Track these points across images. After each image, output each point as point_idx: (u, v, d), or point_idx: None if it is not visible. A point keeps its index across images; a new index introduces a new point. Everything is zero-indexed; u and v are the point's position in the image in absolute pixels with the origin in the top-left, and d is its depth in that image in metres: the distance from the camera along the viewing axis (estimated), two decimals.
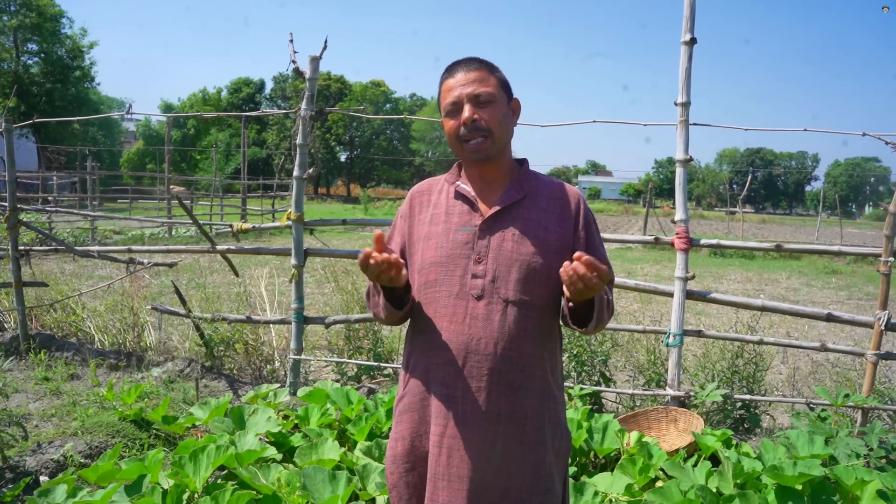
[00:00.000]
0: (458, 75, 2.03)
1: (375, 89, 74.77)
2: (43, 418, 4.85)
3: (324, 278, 8.69)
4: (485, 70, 2.04)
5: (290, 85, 66.36)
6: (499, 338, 1.96)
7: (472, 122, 1.99)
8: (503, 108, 2.04)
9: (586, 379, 5.35)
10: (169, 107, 73.12)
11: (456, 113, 2.02)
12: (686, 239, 4.85)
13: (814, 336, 8.59)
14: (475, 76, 2.01)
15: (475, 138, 2.00)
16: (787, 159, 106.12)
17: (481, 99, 1.99)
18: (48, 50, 47.03)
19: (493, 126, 2.00)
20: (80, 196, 25.88)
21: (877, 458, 4.05)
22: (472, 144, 2.01)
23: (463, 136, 2.01)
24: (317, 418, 4.37)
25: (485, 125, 1.99)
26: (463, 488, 1.94)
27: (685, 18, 4.81)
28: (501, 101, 2.04)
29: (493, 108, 2.01)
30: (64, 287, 7.77)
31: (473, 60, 2.06)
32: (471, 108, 1.99)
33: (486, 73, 2.04)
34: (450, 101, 2.02)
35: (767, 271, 17.04)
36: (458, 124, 2.01)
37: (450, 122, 2.04)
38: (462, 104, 2.00)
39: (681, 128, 4.87)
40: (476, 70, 2.03)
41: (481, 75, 2.02)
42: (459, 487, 1.94)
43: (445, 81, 2.06)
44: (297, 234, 5.56)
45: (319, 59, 5.40)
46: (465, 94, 2.00)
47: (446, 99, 2.04)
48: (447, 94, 2.03)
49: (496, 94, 2.02)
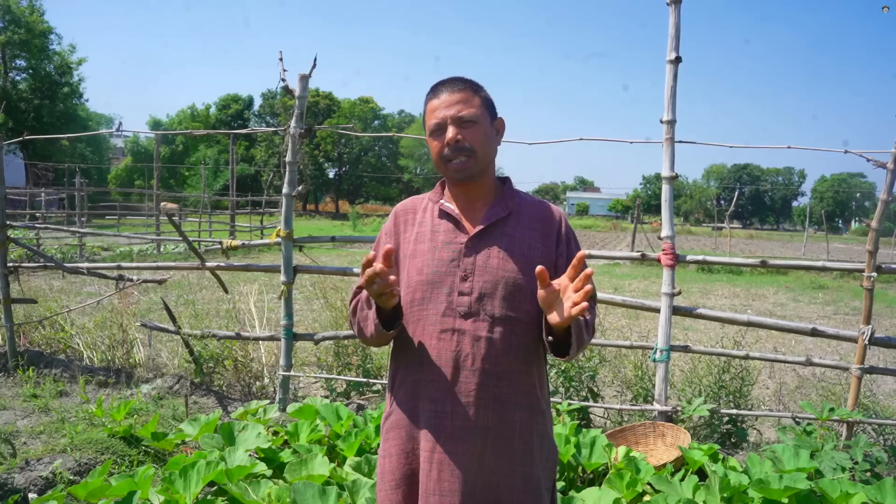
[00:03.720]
0: (442, 96, 2.06)
1: (364, 106, 74.92)
2: (31, 435, 4.83)
3: (313, 295, 8.69)
4: (469, 91, 2.07)
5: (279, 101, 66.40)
6: (486, 354, 1.99)
7: (456, 143, 2.03)
8: (486, 128, 2.08)
9: (574, 394, 5.38)
10: (157, 123, 72.98)
11: (440, 133, 2.06)
12: (672, 255, 4.90)
13: (800, 351, 8.64)
14: (459, 97, 2.05)
15: (458, 158, 2.03)
16: (774, 175, 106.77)
17: (464, 119, 2.03)
18: (36, 66, 46.91)
19: (476, 146, 2.04)
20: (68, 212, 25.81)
21: (861, 472, 4.10)
22: (456, 164, 2.04)
23: (447, 157, 2.05)
24: (306, 434, 4.38)
25: (468, 145, 2.03)
26: (454, 502, 1.96)
27: (670, 38, 4.87)
28: (484, 121, 2.08)
29: (476, 129, 2.05)
30: (52, 304, 7.74)
31: (458, 81, 2.10)
32: (454, 129, 2.03)
33: (470, 93, 2.07)
34: (434, 123, 2.06)
35: (755, 286, 17.13)
36: (441, 145, 2.05)
37: (434, 142, 2.08)
38: (446, 125, 2.04)
39: (666, 145, 4.93)
40: (460, 91, 2.06)
41: (465, 96, 2.06)
42: (451, 501, 1.97)
43: (430, 102, 2.09)
44: (287, 251, 5.57)
45: (309, 77, 5.44)
46: (448, 115, 2.03)
47: (431, 120, 2.07)
48: (431, 115, 2.07)
49: (479, 114, 2.06)
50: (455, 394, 1.99)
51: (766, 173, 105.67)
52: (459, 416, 1.99)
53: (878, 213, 4.71)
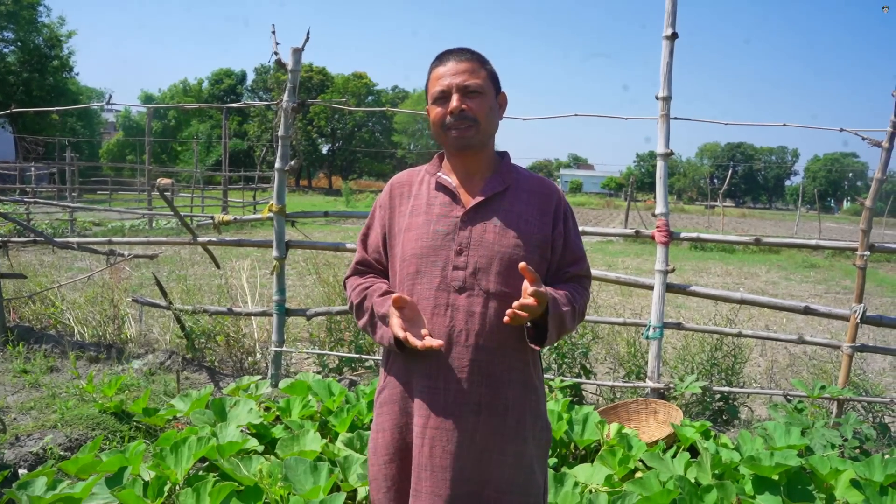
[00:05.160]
0: (448, 64, 2.04)
1: (357, 81, 74.32)
2: (21, 411, 4.81)
3: (305, 270, 8.66)
4: (476, 62, 2.05)
5: (272, 76, 65.92)
6: (480, 329, 1.98)
7: (460, 112, 2.00)
8: (490, 100, 2.06)
9: (567, 371, 5.38)
10: (149, 97, 72.36)
11: (444, 101, 2.03)
12: (666, 232, 4.89)
13: (792, 329, 8.67)
14: (466, 66, 2.03)
15: (460, 126, 2.01)
16: (768, 154, 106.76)
17: (470, 89, 2.01)
18: (25, 39, 46.21)
19: (479, 117, 2.02)
20: (58, 187, 25.60)
21: (851, 449, 4.12)
22: (456, 133, 2.02)
23: (448, 125, 2.02)
24: (298, 410, 4.37)
25: (472, 115, 2.01)
26: (446, 478, 1.96)
27: (666, 13, 4.83)
28: (489, 93, 2.05)
29: (480, 100, 2.02)
30: (43, 279, 7.69)
31: (465, 51, 2.07)
32: (459, 97, 2.00)
33: (477, 64, 2.05)
34: (438, 89, 2.03)
35: (747, 265, 17.18)
36: (444, 112, 2.03)
37: (436, 109, 2.05)
38: (451, 93, 2.01)
39: (662, 122, 4.90)
40: (467, 61, 2.04)
41: (472, 66, 2.03)
42: (442, 477, 1.96)
43: (435, 69, 2.06)
44: (279, 226, 5.54)
45: (302, 51, 5.38)
46: (454, 83, 2.01)
47: (435, 87, 2.04)
48: (436, 82, 2.04)
49: (485, 85, 2.04)
50: (448, 369, 1.98)
51: (759, 152, 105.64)
52: (452, 391, 1.98)
53: (872, 191, 4.71)
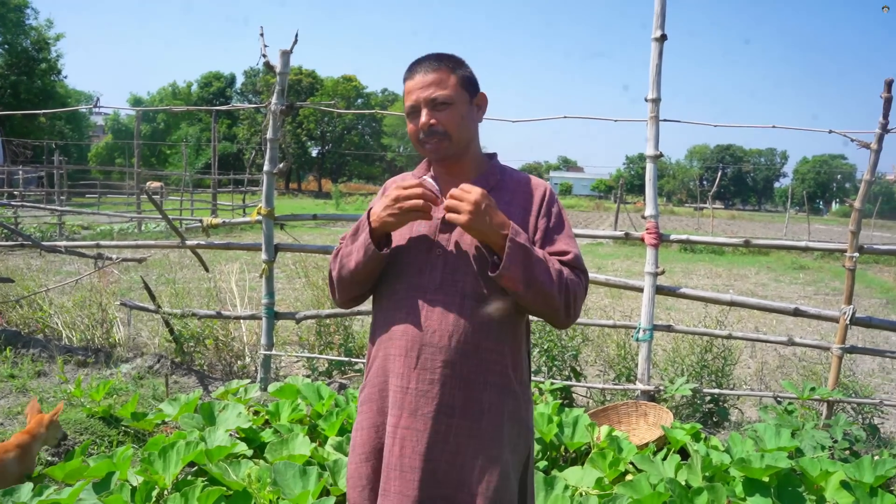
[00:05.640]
0: (416, 77, 2.02)
1: (347, 84, 74.24)
2: (9, 416, 4.77)
3: (294, 273, 8.64)
4: (444, 70, 2.02)
5: (262, 79, 65.76)
6: (454, 330, 1.96)
7: (430, 128, 2.00)
8: (462, 108, 2.04)
9: (557, 374, 5.38)
10: (138, 101, 71.89)
11: (415, 116, 2.03)
12: (656, 234, 4.89)
13: (781, 331, 8.70)
14: (432, 78, 2.00)
15: (432, 141, 2.01)
16: (757, 156, 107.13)
17: (438, 101, 1.99)
18: (12, 41, 45.97)
19: (450, 129, 2.00)
20: (47, 191, 25.48)
21: (841, 450, 4.13)
22: (430, 147, 2.03)
23: (422, 140, 2.03)
24: (287, 414, 4.35)
25: (441, 129, 2.00)
26: (415, 479, 1.93)
27: (655, 15, 4.84)
28: (461, 101, 2.03)
29: (450, 111, 2.01)
30: (30, 283, 7.63)
31: (433, 59, 2.04)
32: (428, 112, 1.99)
33: (446, 72, 2.02)
34: (408, 105, 2.03)
35: (736, 267, 17.24)
36: (416, 128, 2.03)
37: (409, 124, 2.06)
38: (420, 108, 2.01)
39: (651, 124, 4.91)
40: (434, 71, 2.01)
41: (438, 77, 2.01)
42: (411, 478, 1.93)
43: (406, 82, 2.06)
44: (268, 230, 5.52)
45: (290, 53, 5.37)
46: (422, 97, 2.00)
47: (406, 101, 2.05)
48: (407, 97, 2.04)
49: (454, 95, 2.01)
50: (419, 370, 1.96)
51: (748, 154, 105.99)
52: (422, 392, 1.95)
53: (861, 193, 4.72)
